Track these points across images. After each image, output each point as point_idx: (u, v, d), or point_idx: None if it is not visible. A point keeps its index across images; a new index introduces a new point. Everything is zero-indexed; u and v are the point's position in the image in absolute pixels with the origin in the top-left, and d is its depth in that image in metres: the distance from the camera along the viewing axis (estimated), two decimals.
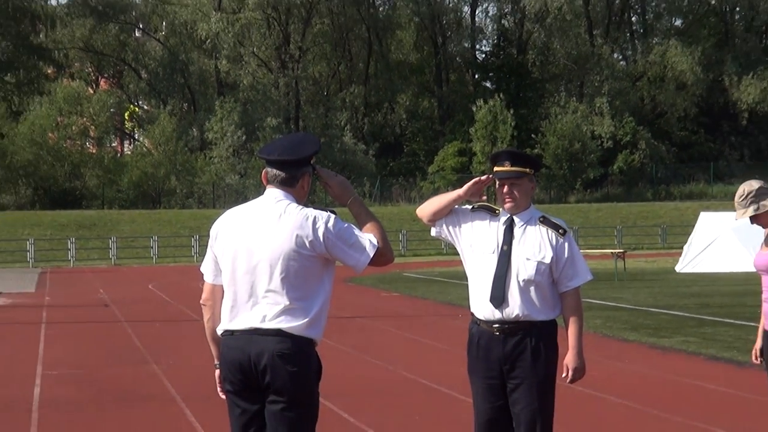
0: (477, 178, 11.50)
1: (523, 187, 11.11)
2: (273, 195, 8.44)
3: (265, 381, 8.36)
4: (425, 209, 11.73)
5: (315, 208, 8.60)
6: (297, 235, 8.27)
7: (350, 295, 41.33)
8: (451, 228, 11.58)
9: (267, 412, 8.47)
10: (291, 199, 8.42)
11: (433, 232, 11.83)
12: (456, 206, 11.66)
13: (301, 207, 8.48)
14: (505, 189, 11.13)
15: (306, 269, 8.31)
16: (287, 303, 8.39)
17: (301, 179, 8.65)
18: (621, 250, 67.91)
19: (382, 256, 8.63)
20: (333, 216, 8.49)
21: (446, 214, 11.62)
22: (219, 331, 8.62)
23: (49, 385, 23.45)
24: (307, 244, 8.35)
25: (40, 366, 26.55)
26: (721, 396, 20.09)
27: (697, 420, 18.02)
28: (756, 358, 12.46)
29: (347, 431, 17.26)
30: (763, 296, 12.18)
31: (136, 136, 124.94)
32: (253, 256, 8.31)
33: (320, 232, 8.37)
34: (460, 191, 11.38)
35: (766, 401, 12.70)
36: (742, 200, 12.25)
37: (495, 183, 11.48)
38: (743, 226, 12.49)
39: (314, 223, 8.34)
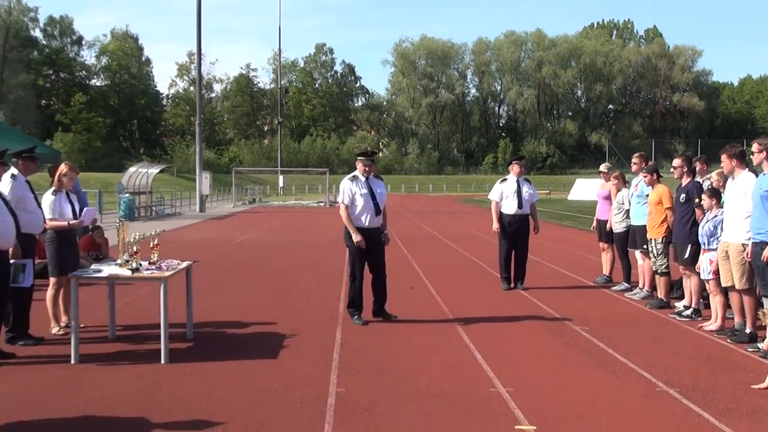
0: (496, 227, 11.37)
1: (523, 168, 11.27)
2: None
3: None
4: (493, 206, 11.49)
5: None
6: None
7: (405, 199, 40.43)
8: (498, 194, 11.39)
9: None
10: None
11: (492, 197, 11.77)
12: (497, 185, 11.69)
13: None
14: (517, 169, 11.31)
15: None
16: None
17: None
18: (548, 191, 67.34)
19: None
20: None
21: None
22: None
23: None
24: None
25: None
26: (584, 243, 19.61)
27: (575, 250, 17.66)
28: (593, 228, 12.56)
29: (400, 253, 17.05)
30: (598, 206, 12.09)
31: (384, 149, 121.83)
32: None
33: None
34: (495, 225, 11.34)
35: (596, 246, 12.42)
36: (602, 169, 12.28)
37: (512, 165, 11.51)
38: (593, 181, 12.58)
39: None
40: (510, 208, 11.32)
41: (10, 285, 7.11)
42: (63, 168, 8.26)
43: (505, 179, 11.57)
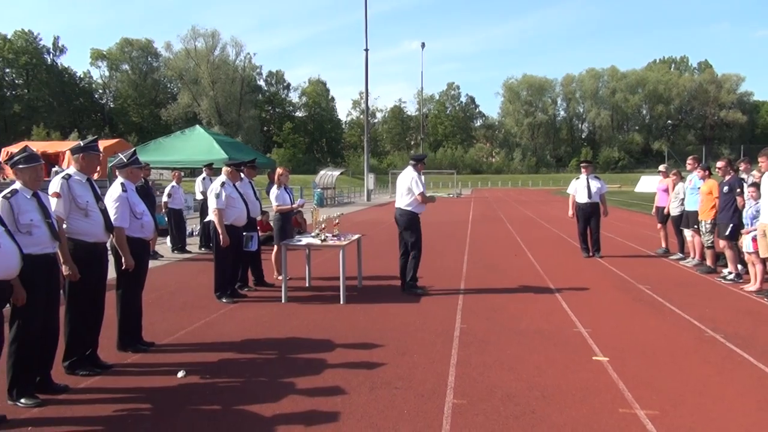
0: (570, 213, 10.67)
1: (589, 168, 10.64)
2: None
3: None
4: (570, 198, 10.80)
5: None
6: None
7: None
8: (573, 188, 10.71)
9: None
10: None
11: (569, 190, 10.94)
12: (573, 181, 10.85)
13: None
14: (584, 169, 10.67)
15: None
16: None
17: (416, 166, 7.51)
18: (619, 185, 63.28)
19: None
20: None
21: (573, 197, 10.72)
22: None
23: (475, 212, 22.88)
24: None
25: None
26: (647, 223, 18.07)
27: (640, 229, 16.33)
28: (653, 213, 11.60)
29: (506, 230, 16.28)
30: (657, 196, 11.23)
31: (495, 156, 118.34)
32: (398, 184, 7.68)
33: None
34: (570, 212, 10.61)
35: (656, 226, 11.54)
36: (661, 168, 11.34)
37: (581, 166, 10.80)
38: (655, 177, 11.64)
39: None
40: (582, 197, 10.76)
41: (243, 249, 7.58)
42: (280, 171, 8.70)
43: (578, 177, 11.00)
